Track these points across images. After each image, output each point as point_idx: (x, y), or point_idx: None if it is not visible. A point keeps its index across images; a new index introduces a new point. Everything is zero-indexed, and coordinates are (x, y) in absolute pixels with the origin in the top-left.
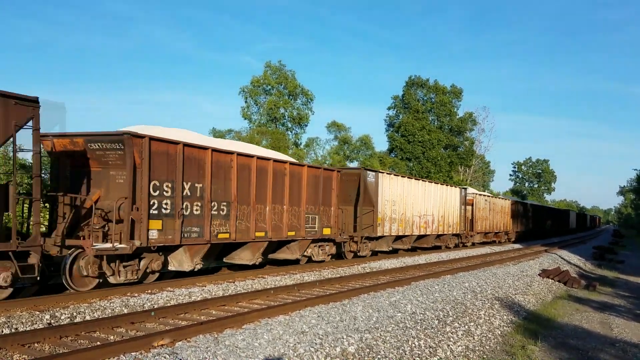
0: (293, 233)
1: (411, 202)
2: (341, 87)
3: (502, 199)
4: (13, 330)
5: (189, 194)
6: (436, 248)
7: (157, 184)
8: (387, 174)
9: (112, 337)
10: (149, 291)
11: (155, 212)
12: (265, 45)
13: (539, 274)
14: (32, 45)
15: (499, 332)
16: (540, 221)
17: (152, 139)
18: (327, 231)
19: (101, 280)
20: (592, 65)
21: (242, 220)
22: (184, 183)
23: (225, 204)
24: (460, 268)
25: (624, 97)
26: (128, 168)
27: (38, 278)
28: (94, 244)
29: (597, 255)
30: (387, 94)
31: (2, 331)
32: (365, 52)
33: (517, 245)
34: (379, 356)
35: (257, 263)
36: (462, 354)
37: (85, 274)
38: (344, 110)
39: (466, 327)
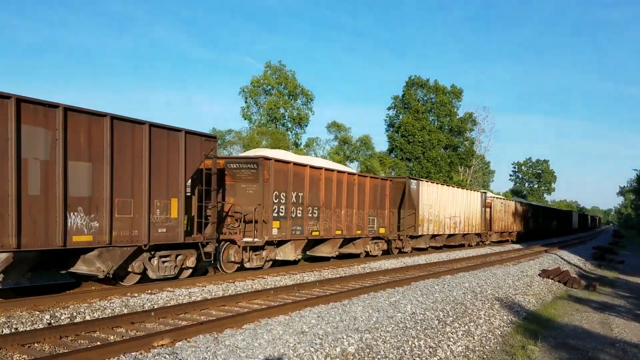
0: (359, 232)
1: (443, 205)
2: (341, 88)
3: (514, 201)
4: (13, 330)
5: (294, 201)
6: (461, 246)
7: (277, 194)
8: (425, 181)
9: (112, 337)
10: (149, 291)
11: (276, 215)
12: (266, 45)
13: (539, 274)
14: (32, 44)
15: (499, 332)
16: (547, 221)
17: (275, 160)
18: (382, 230)
19: (239, 265)
20: (592, 65)
21: (327, 221)
22: (292, 193)
23: (316, 208)
24: (460, 268)
25: (624, 97)
26: (260, 182)
27: (212, 261)
28: (242, 238)
29: (597, 256)
30: (387, 94)
31: (2, 331)
32: (366, 52)
33: (517, 246)
34: (379, 356)
35: (334, 255)
36: (462, 354)
37: (232, 260)
38: (344, 111)
39: (466, 327)
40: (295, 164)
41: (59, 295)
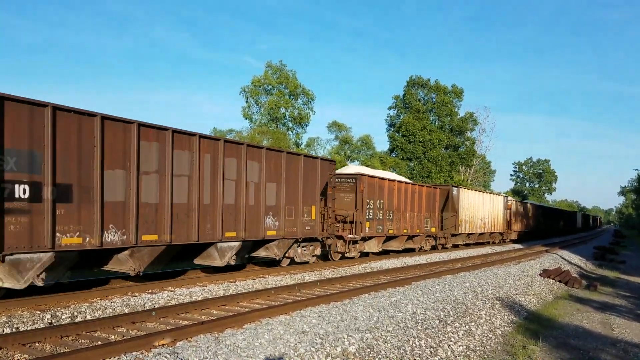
0: (418, 230)
1: (476, 208)
2: (342, 87)
3: (529, 203)
4: (14, 330)
5: (378, 206)
6: (487, 243)
7: (368, 200)
8: (463, 188)
9: (113, 337)
10: (150, 291)
11: (367, 217)
12: (266, 45)
13: (540, 274)
14: (32, 44)
15: (500, 332)
16: (555, 221)
17: (368, 176)
18: (433, 229)
19: (342, 255)
20: (593, 65)
21: (398, 222)
22: (377, 200)
23: (391, 212)
24: (461, 268)
25: (625, 97)
26: (358, 193)
27: (329, 251)
28: (348, 234)
29: (598, 256)
30: (388, 93)
31: (3, 331)
32: (366, 52)
33: (517, 246)
34: (380, 356)
35: (401, 249)
36: (463, 353)
37: (338, 251)
38: (344, 110)
39: (467, 327)
40: (380, 178)
41: (59, 294)
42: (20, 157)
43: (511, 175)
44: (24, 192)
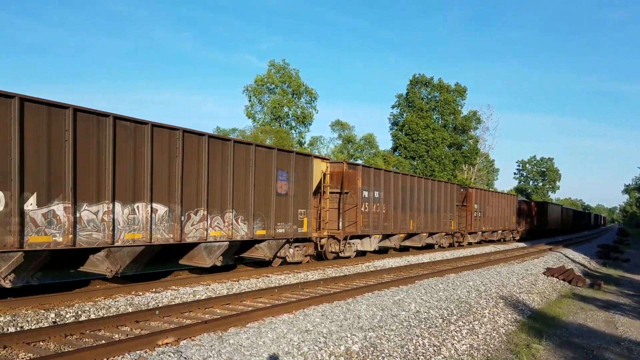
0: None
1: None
2: (345, 86)
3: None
4: (18, 329)
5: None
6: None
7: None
8: (478, 189)
9: (116, 336)
10: (154, 290)
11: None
12: (269, 44)
13: (544, 273)
14: (34, 45)
15: (504, 331)
16: (576, 220)
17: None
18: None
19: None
20: (596, 63)
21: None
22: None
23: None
24: (464, 267)
25: (628, 95)
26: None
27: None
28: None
29: (602, 254)
30: (391, 92)
31: (8, 329)
32: (369, 51)
33: (521, 244)
34: (383, 355)
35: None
36: (467, 352)
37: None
38: (347, 109)
39: (470, 325)
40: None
41: (64, 293)
42: None
43: (515, 173)
44: None
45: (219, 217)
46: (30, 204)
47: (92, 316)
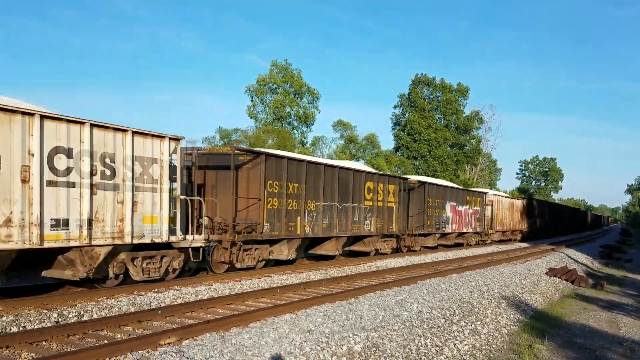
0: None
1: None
2: (347, 86)
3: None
4: (21, 329)
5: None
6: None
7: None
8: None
9: (119, 336)
10: (156, 290)
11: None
12: (271, 44)
13: (546, 273)
14: (37, 45)
15: (506, 331)
16: (577, 220)
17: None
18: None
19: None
20: (598, 63)
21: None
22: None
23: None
24: (466, 267)
25: (632, 95)
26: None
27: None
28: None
29: (605, 254)
30: (393, 92)
31: (10, 329)
32: (371, 51)
33: (524, 244)
34: (385, 355)
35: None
36: (469, 352)
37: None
38: (350, 109)
39: (473, 326)
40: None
41: (66, 293)
42: None
43: (517, 173)
44: None
45: None
46: None
47: (95, 316)
